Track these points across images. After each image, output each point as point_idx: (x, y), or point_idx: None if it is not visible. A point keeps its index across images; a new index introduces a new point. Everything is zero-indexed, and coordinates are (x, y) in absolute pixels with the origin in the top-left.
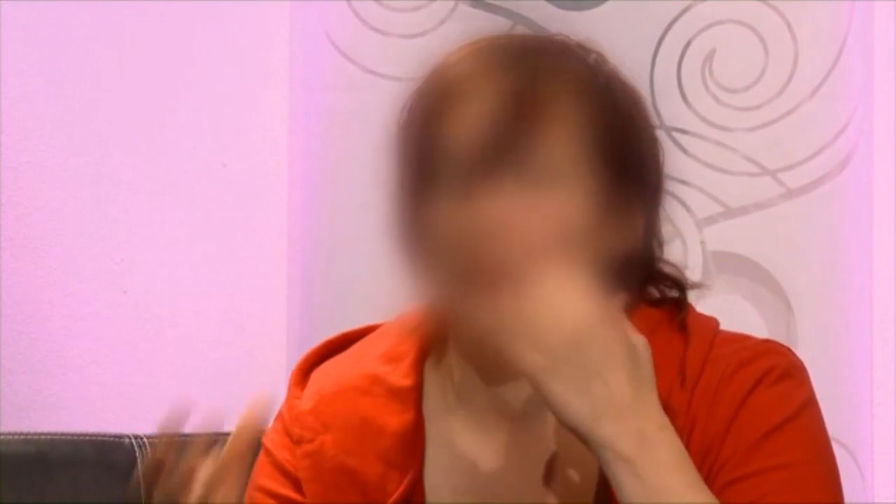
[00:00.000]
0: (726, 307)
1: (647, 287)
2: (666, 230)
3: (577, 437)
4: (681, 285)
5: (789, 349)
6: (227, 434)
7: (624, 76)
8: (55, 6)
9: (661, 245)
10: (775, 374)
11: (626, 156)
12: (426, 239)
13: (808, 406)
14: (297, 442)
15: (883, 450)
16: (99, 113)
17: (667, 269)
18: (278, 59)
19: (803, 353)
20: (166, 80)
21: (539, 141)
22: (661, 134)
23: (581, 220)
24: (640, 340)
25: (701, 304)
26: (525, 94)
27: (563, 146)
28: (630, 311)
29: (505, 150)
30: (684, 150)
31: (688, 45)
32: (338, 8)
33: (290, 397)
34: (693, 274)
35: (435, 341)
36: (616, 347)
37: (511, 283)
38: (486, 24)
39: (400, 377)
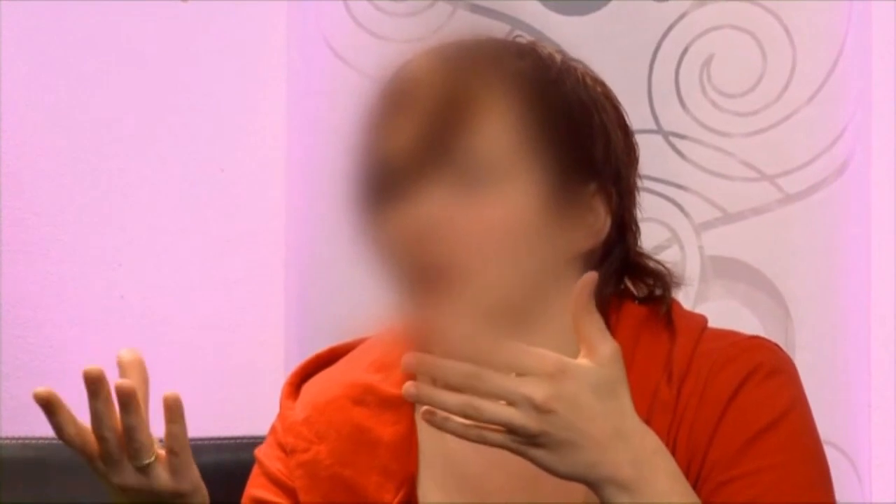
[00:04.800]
0: (724, 312)
1: (628, 281)
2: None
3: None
4: (663, 279)
5: (777, 345)
6: (230, 438)
7: (584, 70)
8: (54, 9)
9: (635, 236)
10: (763, 371)
11: (578, 149)
12: (376, 246)
13: (797, 404)
14: (291, 452)
15: (881, 454)
16: (97, 118)
17: (649, 264)
18: (276, 65)
19: (801, 358)
20: (164, 85)
21: (471, 139)
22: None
23: (530, 217)
24: (605, 355)
25: (699, 309)
26: (454, 94)
27: (498, 142)
28: (615, 308)
29: (437, 150)
30: (682, 155)
31: (686, 50)
32: (335, 12)
33: (283, 409)
34: (691, 279)
35: (421, 348)
36: (580, 394)
37: (452, 285)
38: (483, 30)
39: (391, 385)
